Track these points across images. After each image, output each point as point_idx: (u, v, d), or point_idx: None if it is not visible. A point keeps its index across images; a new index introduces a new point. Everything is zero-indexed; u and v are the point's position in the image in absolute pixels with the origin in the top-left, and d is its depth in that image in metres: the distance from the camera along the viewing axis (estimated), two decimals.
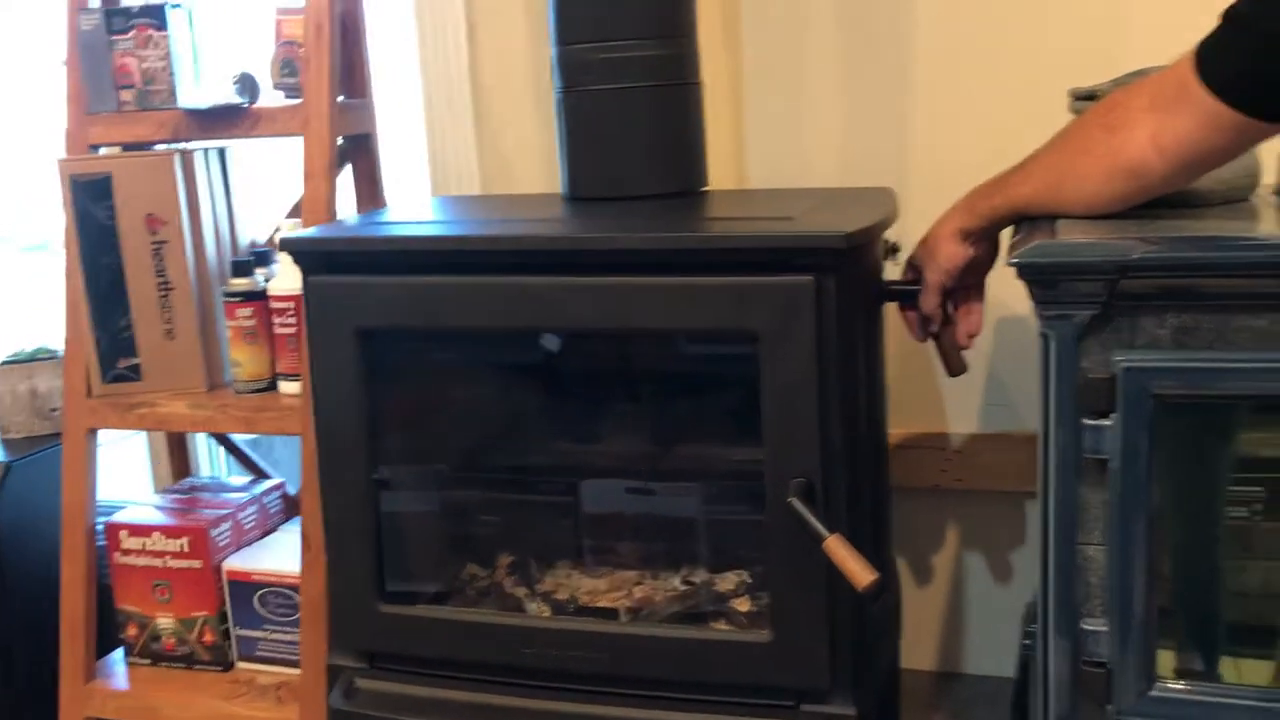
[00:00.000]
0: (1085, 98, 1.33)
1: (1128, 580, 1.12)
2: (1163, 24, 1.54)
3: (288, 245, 1.37)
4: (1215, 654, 1.21)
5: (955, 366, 1.42)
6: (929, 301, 1.35)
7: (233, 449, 2.09)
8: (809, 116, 1.73)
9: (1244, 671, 1.21)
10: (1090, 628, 1.15)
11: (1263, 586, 1.28)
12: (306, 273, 1.36)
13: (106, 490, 1.88)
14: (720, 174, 1.63)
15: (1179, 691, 1.14)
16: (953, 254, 1.30)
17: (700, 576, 1.51)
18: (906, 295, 1.38)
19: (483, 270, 1.31)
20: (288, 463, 2.10)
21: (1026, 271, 1.10)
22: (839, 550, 1.20)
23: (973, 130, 1.65)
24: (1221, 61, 1.04)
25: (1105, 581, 1.13)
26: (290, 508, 1.96)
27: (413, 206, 1.74)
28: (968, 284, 1.35)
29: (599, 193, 1.52)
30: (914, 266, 1.36)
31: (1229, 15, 1.05)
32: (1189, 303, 1.06)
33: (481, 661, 1.39)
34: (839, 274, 1.22)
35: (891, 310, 1.44)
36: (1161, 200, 1.17)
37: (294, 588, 1.73)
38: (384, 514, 1.43)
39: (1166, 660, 1.15)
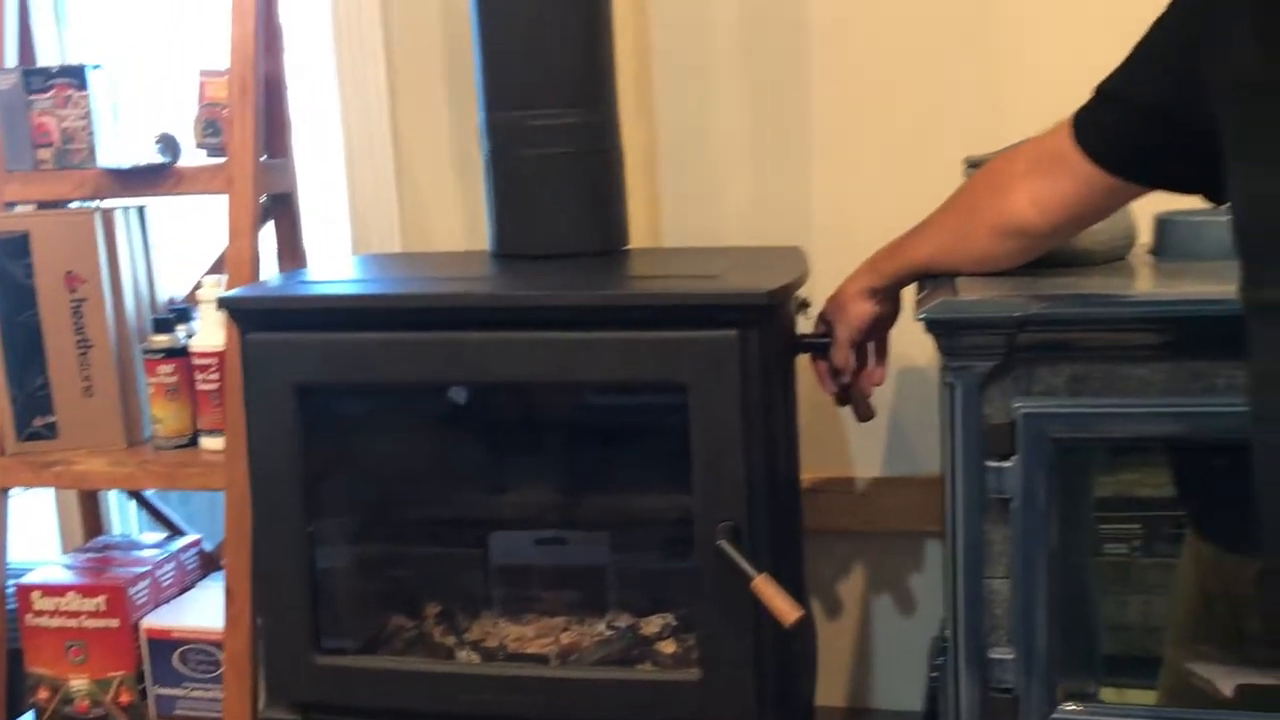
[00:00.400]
0: (977, 165, 1.45)
1: (1031, 611, 1.21)
2: (1045, 97, 1.67)
3: (227, 304, 1.40)
4: (1099, 681, 1.31)
5: (864, 413, 1.51)
6: (840, 355, 1.43)
7: (147, 506, 2.07)
8: (720, 180, 1.82)
9: (1128, 698, 1.32)
10: (997, 656, 1.23)
11: (1142, 619, 1.39)
12: (245, 330, 1.39)
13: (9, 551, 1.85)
14: (638, 234, 1.71)
15: (1079, 713, 1.23)
16: (861, 311, 1.39)
17: (625, 620, 1.56)
18: (818, 348, 1.47)
19: (421, 326, 1.35)
20: (198, 519, 2.09)
21: (933, 326, 1.20)
22: (766, 589, 1.27)
23: (872, 195, 1.76)
24: (1095, 129, 1.15)
25: (1010, 613, 1.22)
26: (207, 564, 1.95)
27: (339, 264, 1.78)
28: (874, 337, 1.45)
29: (526, 250, 1.58)
30: (825, 321, 1.45)
31: (1101, 89, 1.16)
32: (1079, 354, 1.17)
33: (417, 710, 1.42)
34: (760, 328, 1.30)
35: (801, 361, 1.53)
36: (1053, 259, 1.29)
37: (216, 644, 1.73)
38: (316, 567, 1.45)
39: (1066, 685, 1.25)
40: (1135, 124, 1.11)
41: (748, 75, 1.80)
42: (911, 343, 1.51)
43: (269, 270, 1.84)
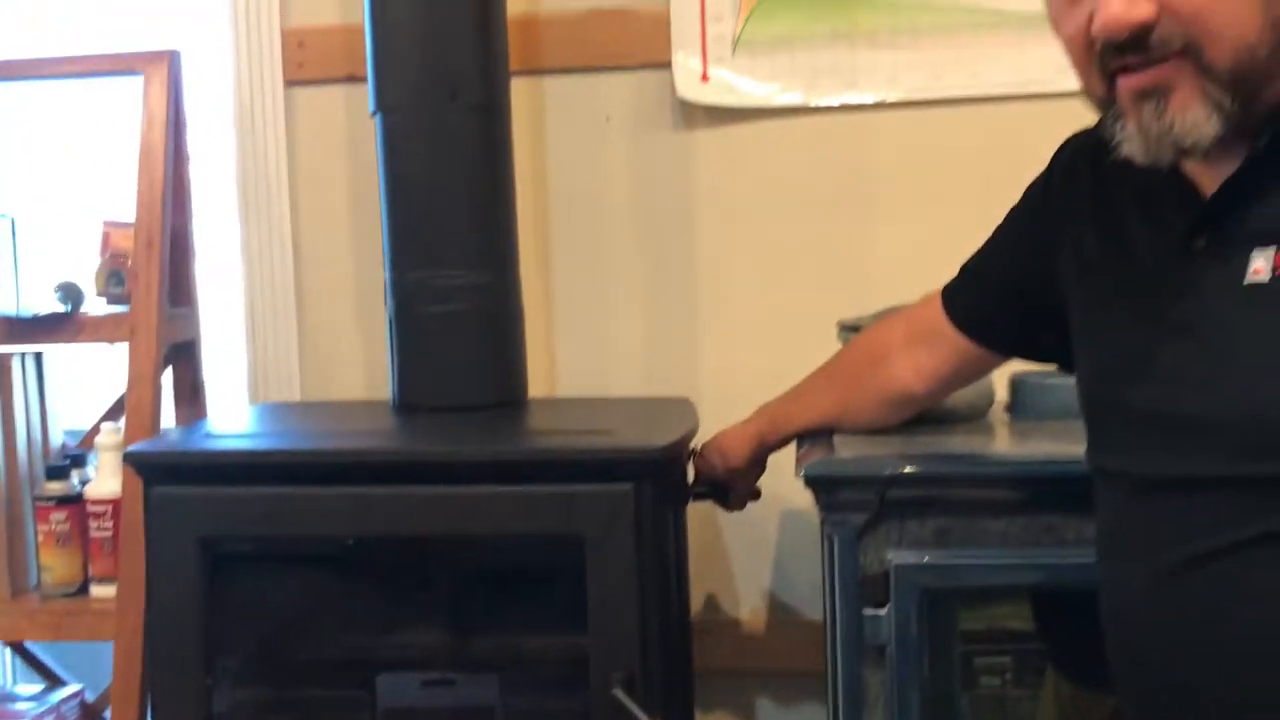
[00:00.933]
0: (850, 328, 1.58)
1: None
2: (910, 267, 1.83)
3: (132, 458, 1.42)
4: None
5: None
6: (739, 502, 1.54)
7: (25, 654, 2.02)
8: (612, 333, 1.93)
9: None
10: None
11: None
12: (149, 483, 1.41)
13: None
14: (536, 383, 1.79)
15: None
16: (750, 456, 1.49)
17: None
18: (708, 497, 1.56)
19: (325, 481, 1.40)
20: (80, 668, 2.04)
21: (812, 482, 1.30)
22: None
23: (754, 350, 1.88)
24: (962, 303, 1.29)
25: None
26: (88, 716, 1.91)
27: (240, 414, 1.81)
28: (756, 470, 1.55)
29: (428, 403, 1.64)
30: (708, 463, 1.53)
31: (965, 268, 1.30)
32: (944, 508, 1.28)
33: None
34: (654, 481, 1.38)
35: (692, 509, 1.61)
36: (922, 417, 1.41)
37: None
38: (213, 712, 1.45)
39: None
40: (996, 299, 1.25)
41: (639, 238, 1.92)
42: (794, 487, 1.61)
43: (167, 416, 1.86)
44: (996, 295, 1.25)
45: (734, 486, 1.53)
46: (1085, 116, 1.80)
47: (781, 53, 1.85)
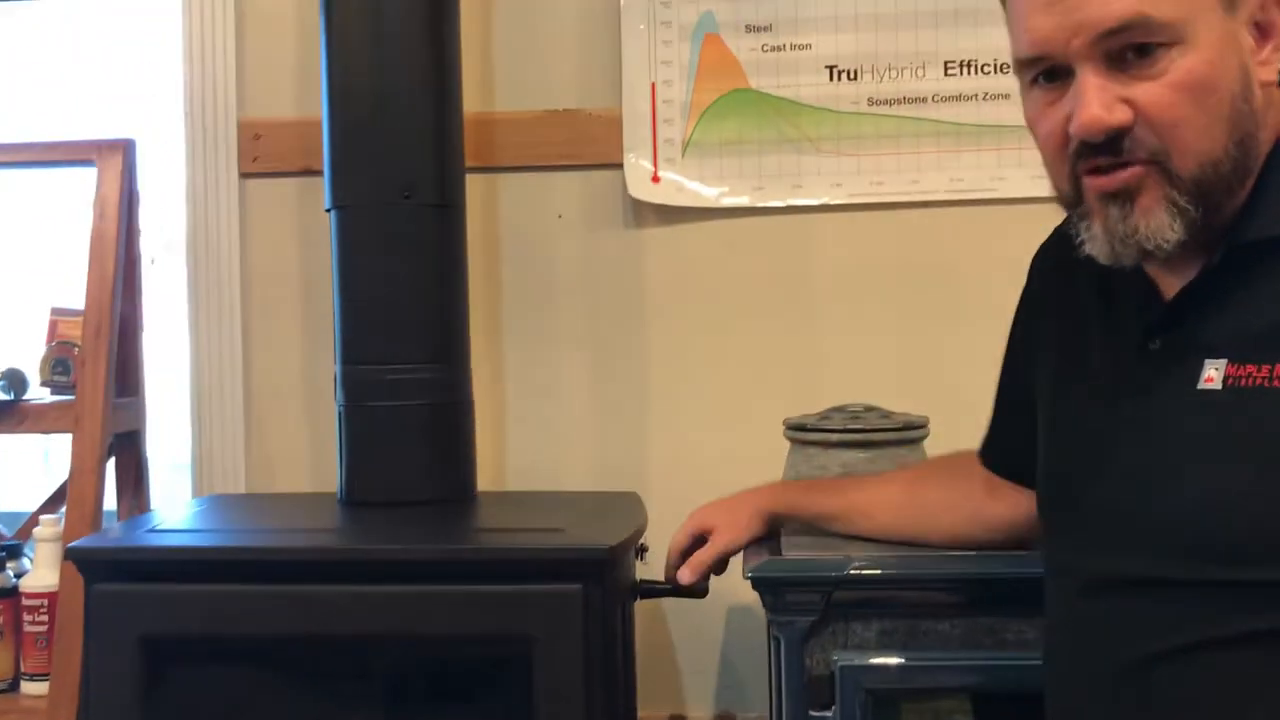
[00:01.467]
0: (796, 427, 1.61)
1: None
2: (854, 367, 1.88)
3: (75, 554, 1.40)
4: None
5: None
6: (710, 561, 1.39)
7: None
8: (562, 426, 1.94)
9: None
10: None
11: None
12: (90, 580, 1.39)
13: None
14: (485, 476, 1.79)
15: None
16: (754, 529, 1.39)
17: None
18: (657, 593, 1.57)
19: (270, 579, 1.39)
20: None
21: (760, 584, 1.31)
22: None
23: (703, 446, 1.91)
24: (999, 455, 1.25)
25: None
26: None
27: (184, 508, 1.79)
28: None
29: (376, 498, 1.64)
30: (703, 528, 1.40)
31: (992, 417, 1.27)
32: (887, 611, 1.30)
33: None
34: (603, 581, 1.39)
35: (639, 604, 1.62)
36: None
37: None
38: None
39: None
40: (1024, 433, 1.16)
41: (590, 332, 1.95)
42: (743, 585, 1.62)
43: (108, 502, 1.83)
44: (1022, 434, 1.15)
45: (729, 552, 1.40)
46: (1019, 223, 1.88)
47: (730, 156, 1.90)
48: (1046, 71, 0.95)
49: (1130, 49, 0.89)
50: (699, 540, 1.41)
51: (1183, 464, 0.92)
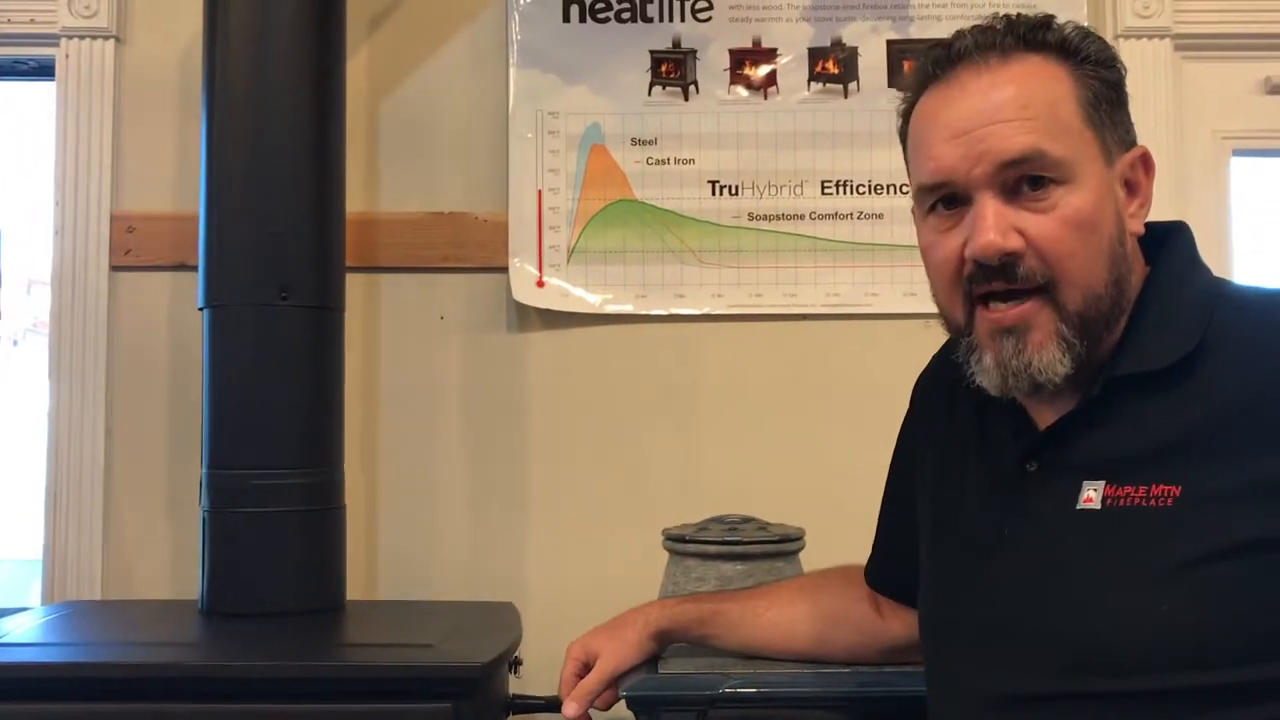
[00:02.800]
0: (675, 538, 1.61)
1: None
2: (733, 477, 1.89)
3: None
4: None
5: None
6: (596, 687, 1.31)
7: None
8: (437, 533, 1.90)
9: None
10: None
11: None
12: None
13: None
14: (355, 585, 1.74)
15: None
16: (644, 648, 1.33)
17: None
18: (531, 708, 1.53)
19: (125, 697, 1.31)
20: None
21: (634, 703, 1.29)
22: None
23: (581, 555, 1.89)
24: (881, 576, 1.27)
25: None
26: None
27: (35, 617, 1.68)
28: None
29: (239, 609, 1.57)
30: (587, 652, 1.32)
31: (875, 538, 1.29)
32: None
33: None
34: (474, 698, 1.35)
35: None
36: None
37: None
38: None
39: None
40: (905, 556, 1.19)
41: (469, 437, 1.92)
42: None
43: None
44: (905, 554, 1.18)
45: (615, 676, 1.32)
46: (892, 337, 1.94)
47: (614, 264, 1.92)
48: (946, 198, 0.99)
49: (1025, 181, 0.95)
50: (588, 668, 1.31)
51: (1066, 580, 0.95)
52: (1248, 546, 0.88)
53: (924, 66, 1.02)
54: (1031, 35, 0.98)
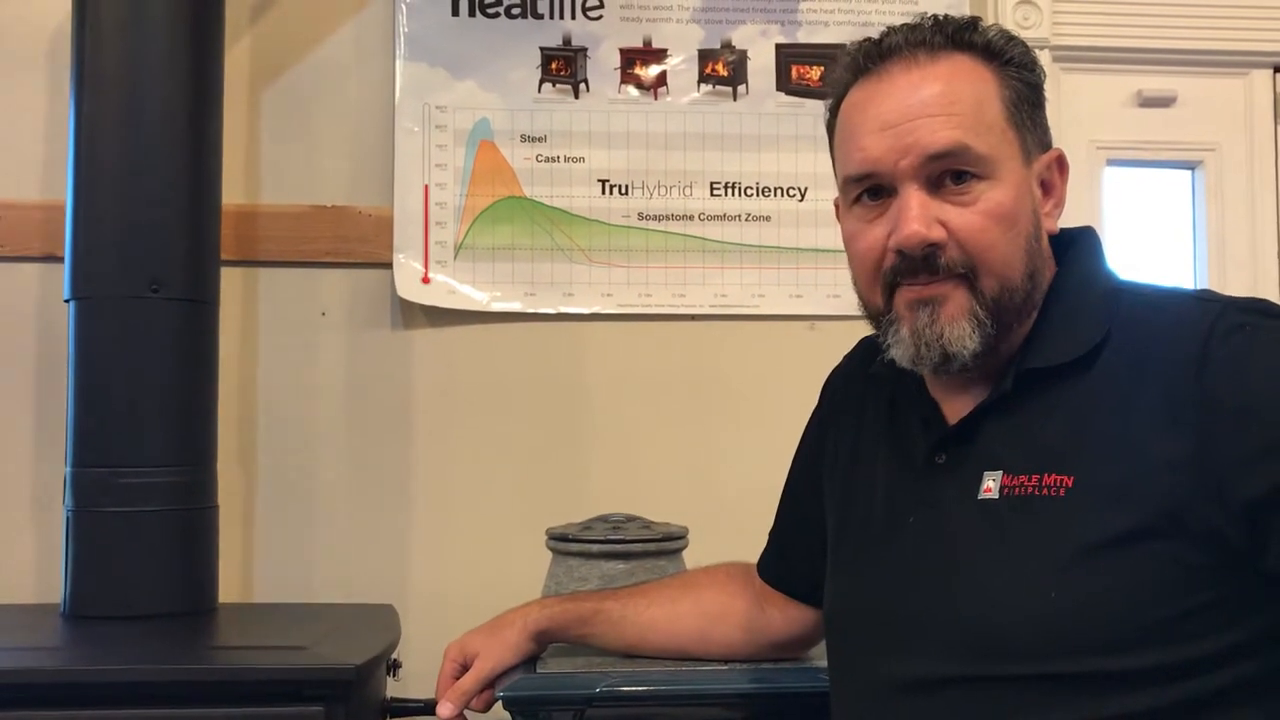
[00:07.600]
0: (559, 537, 1.59)
1: None
2: (620, 475, 1.89)
3: None
4: None
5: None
6: (473, 687, 1.28)
7: None
8: (316, 534, 1.86)
9: None
10: None
11: None
12: None
13: None
14: (229, 587, 1.69)
15: None
16: (522, 649, 1.31)
17: None
18: (408, 712, 1.50)
19: None
20: None
21: (510, 703, 1.27)
22: None
23: (465, 557, 1.86)
24: (775, 572, 1.28)
25: None
26: None
27: None
28: None
29: (104, 611, 1.51)
30: (465, 653, 1.30)
31: (771, 531, 1.30)
32: None
33: None
34: (348, 702, 1.32)
35: None
36: None
37: None
38: None
39: None
40: (803, 553, 1.22)
41: (351, 436, 1.88)
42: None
43: None
44: (803, 549, 1.22)
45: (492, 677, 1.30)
46: (779, 338, 1.96)
47: (502, 261, 1.90)
48: (871, 189, 1.01)
49: (949, 175, 0.98)
50: (466, 669, 1.29)
51: (967, 567, 0.98)
52: (1138, 534, 0.90)
53: (854, 60, 1.04)
54: (959, 35, 1.01)
